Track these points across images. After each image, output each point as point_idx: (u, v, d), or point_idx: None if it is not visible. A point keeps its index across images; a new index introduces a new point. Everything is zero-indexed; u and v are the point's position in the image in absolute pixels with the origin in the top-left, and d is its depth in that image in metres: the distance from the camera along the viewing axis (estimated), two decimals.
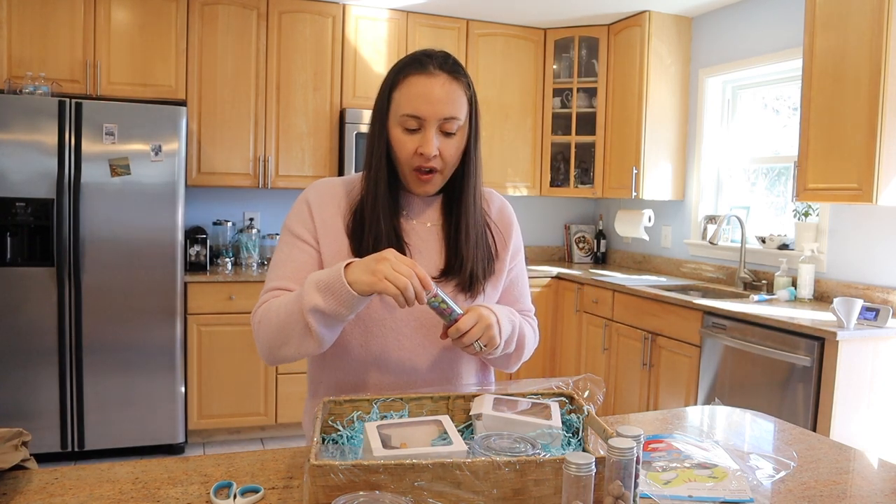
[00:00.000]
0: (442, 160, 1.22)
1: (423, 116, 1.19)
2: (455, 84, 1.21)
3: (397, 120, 1.21)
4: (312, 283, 1.12)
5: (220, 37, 3.83)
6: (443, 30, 4.27)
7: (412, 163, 1.22)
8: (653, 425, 1.41)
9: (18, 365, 3.25)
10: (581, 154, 4.58)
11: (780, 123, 3.73)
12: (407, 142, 1.21)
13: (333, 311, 1.10)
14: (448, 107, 1.19)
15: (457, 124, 1.21)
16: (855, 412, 2.59)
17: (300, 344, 1.15)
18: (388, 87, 1.23)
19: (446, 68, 1.20)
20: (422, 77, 1.19)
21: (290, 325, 1.15)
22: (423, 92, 1.18)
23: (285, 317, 1.15)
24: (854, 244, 3.13)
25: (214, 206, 4.20)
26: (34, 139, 3.19)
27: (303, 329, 1.13)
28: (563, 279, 4.20)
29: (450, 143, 1.22)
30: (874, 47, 2.63)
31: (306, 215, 1.29)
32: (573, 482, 0.84)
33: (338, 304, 1.10)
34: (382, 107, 1.23)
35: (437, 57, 1.21)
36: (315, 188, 1.32)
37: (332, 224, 1.28)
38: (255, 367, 3.71)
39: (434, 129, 1.19)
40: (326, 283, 1.10)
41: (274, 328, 1.18)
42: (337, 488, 0.86)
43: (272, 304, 1.21)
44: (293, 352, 1.18)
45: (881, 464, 1.25)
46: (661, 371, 3.38)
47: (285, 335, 1.16)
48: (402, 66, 1.22)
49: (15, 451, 1.06)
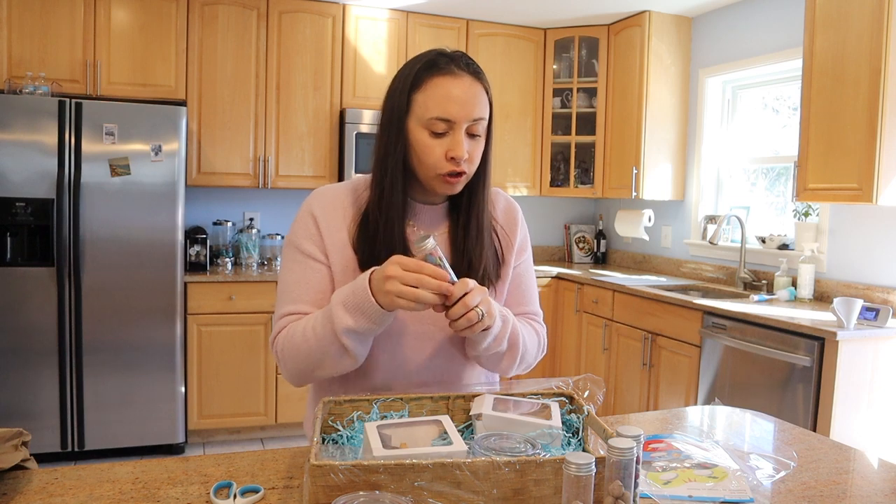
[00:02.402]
0: (469, 162, 1.19)
1: (453, 119, 1.15)
2: (478, 85, 1.19)
3: (423, 123, 1.16)
4: (339, 303, 1.11)
5: (220, 37, 3.83)
6: (443, 30, 4.27)
7: (440, 167, 1.17)
8: (653, 425, 1.41)
9: (18, 365, 3.25)
10: (581, 154, 4.58)
11: (780, 123, 3.73)
12: (435, 146, 1.17)
13: (366, 329, 1.10)
14: (476, 108, 1.17)
15: (482, 126, 1.20)
16: (855, 412, 2.59)
17: (336, 364, 1.15)
18: (406, 89, 1.18)
19: (469, 69, 1.18)
20: (447, 78, 1.16)
21: (323, 348, 1.13)
22: (452, 94, 1.15)
23: (315, 342, 1.14)
24: (854, 244, 3.13)
25: (214, 206, 4.20)
26: (34, 139, 3.19)
27: (338, 350, 1.13)
28: (563, 279, 4.20)
29: (476, 144, 1.20)
30: (874, 47, 2.63)
31: (313, 230, 1.24)
32: (573, 482, 0.84)
33: (369, 322, 1.09)
34: (400, 108, 1.18)
35: (458, 58, 1.19)
36: (319, 198, 1.27)
37: (339, 237, 1.24)
38: (255, 367, 3.71)
39: (462, 132, 1.17)
40: (355, 304, 1.09)
41: (304, 353, 1.16)
42: (337, 488, 0.86)
43: (295, 330, 1.18)
44: (329, 372, 1.17)
45: (881, 464, 1.25)
46: (661, 371, 3.38)
47: (318, 359, 1.15)
48: (423, 67, 1.17)
49: (15, 451, 1.06)
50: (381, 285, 1.06)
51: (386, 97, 1.22)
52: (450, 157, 1.17)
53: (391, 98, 1.21)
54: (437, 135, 1.17)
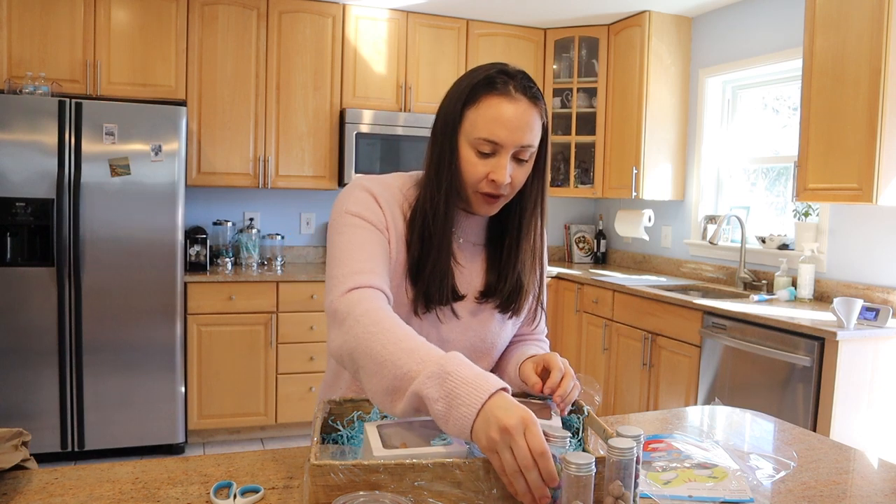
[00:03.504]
0: (512, 187, 1.17)
1: (500, 143, 1.12)
2: (534, 111, 1.14)
3: (470, 141, 1.14)
4: (442, 373, 0.91)
5: (220, 37, 3.83)
6: (443, 30, 4.27)
7: (480, 187, 1.16)
8: (653, 425, 1.41)
9: (18, 365, 3.25)
10: (581, 154, 4.58)
11: (780, 123, 3.73)
12: (479, 165, 1.14)
13: (426, 412, 0.93)
14: (527, 135, 1.13)
15: (531, 152, 1.16)
16: (855, 412, 2.59)
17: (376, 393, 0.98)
18: (461, 102, 1.14)
19: (529, 94, 1.14)
20: (503, 100, 1.12)
21: (380, 370, 0.97)
22: (503, 117, 1.11)
23: (391, 361, 0.96)
24: (854, 244, 3.13)
25: (214, 206, 4.20)
26: (34, 139, 3.19)
27: (391, 387, 0.95)
28: (563, 279, 4.20)
29: (521, 170, 1.17)
30: (874, 47, 2.63)
31: (375, 206, 1.18)
32: (573, 482, 0.84)
33: (438, 415, 0.91)
34: (454, 120, 1.15)
35: (518, 78, 1.14)
36: (375, 182, 1.22)
37: (396, 224, 1.19)
38: (255, 367, 3.71)
39: (508, 157, 1.13)
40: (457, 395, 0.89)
41: (373, 353, 0.98)
42: (337, 488, 0.86)
43: (382, 320, 1.01)
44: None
45: (881, 464, 1.25)
46: (661, 371, 3.38)
47: (374, 371, 0.98)
48: (481, 83, 1.14)
49: (15, 451, 1.06)
50: (488, 423, 0.86)
51: (442, 102, 1.19)
52: (490, 180, 1.14)
53: (446, 107, 1.18)
54: (483, 154, 1.14)
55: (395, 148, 4.09)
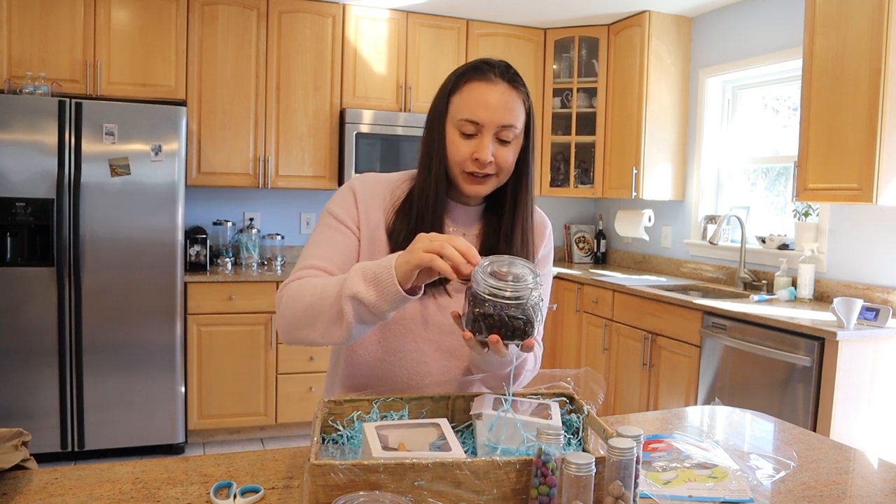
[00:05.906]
0: (497, 166, 1.22)
1: (480, 122, 1.19)
2: (514, 93, 1.22)
3: (455, 123, 1.22)
4: (359, 271, 1.08)
5: (220, 37, 3.83)
6: (443, 30, 4.27)
7: (465, 167, 1.22)
8: (653, 425, 1.41)
9: (18, 365, 3.25)
10: (581, 154, 4.58)
11: (780, 123, 3.73)
12: (462, 145, 1.21)
13: (373, 304, 1.05)
14: (506, 114, 1.20)
15: (513, 133, 1.22)
16: (855, 412, 2.59)
17: (326, 329, 1.11)
18: (447, 91, 1.24)
19: (507, 77, 1.22)
20: (482, 84, 1.21)
21: (321, 307, 1.10)
22: (483, 98, 1.20)
23: (318, 298, 1.11)
24: (854, 244, 3.13)
25: (214, 206, 4.20)
26: (34, 139, 3.19)
27: (334, 315, 1.09)
28: (563, 279, 4.20)
29: (505, 150, 1.22)
30: (874, 47, 2.63)
31: (351, 203, 1.29)
32: (573, 482, 0.84)
33: (379, 297, 1.05)
34: (440, 110, 1.24)
35: (498, 66, 1.23)
36: (361, 180, 1.32)
37: (374, 217, 1.28)
38: (255, 367, 3.71)
39: (490, 136, 1.20)
40: (374, 274, 1.06)
41: (302, 307, 1.13)
42: (337, 488, 0.86)
43: (305, 283, 1.16)
44: (317, 336, 1.13)
45: (881, 464, 1.25)
46: (661, 371, 3.38)
47: (312, 316, 1.12)
48: (463, 72, 1.24)
49: (15, 451, 1.06)
50: (407, 253, 1.04)
51: (433, 99, 1.28)
52: (474, 159, 1.21)
53: (435, 100, 1.27)
54: (467, 136, 1.21)
55: (395, 148, 4.09)
